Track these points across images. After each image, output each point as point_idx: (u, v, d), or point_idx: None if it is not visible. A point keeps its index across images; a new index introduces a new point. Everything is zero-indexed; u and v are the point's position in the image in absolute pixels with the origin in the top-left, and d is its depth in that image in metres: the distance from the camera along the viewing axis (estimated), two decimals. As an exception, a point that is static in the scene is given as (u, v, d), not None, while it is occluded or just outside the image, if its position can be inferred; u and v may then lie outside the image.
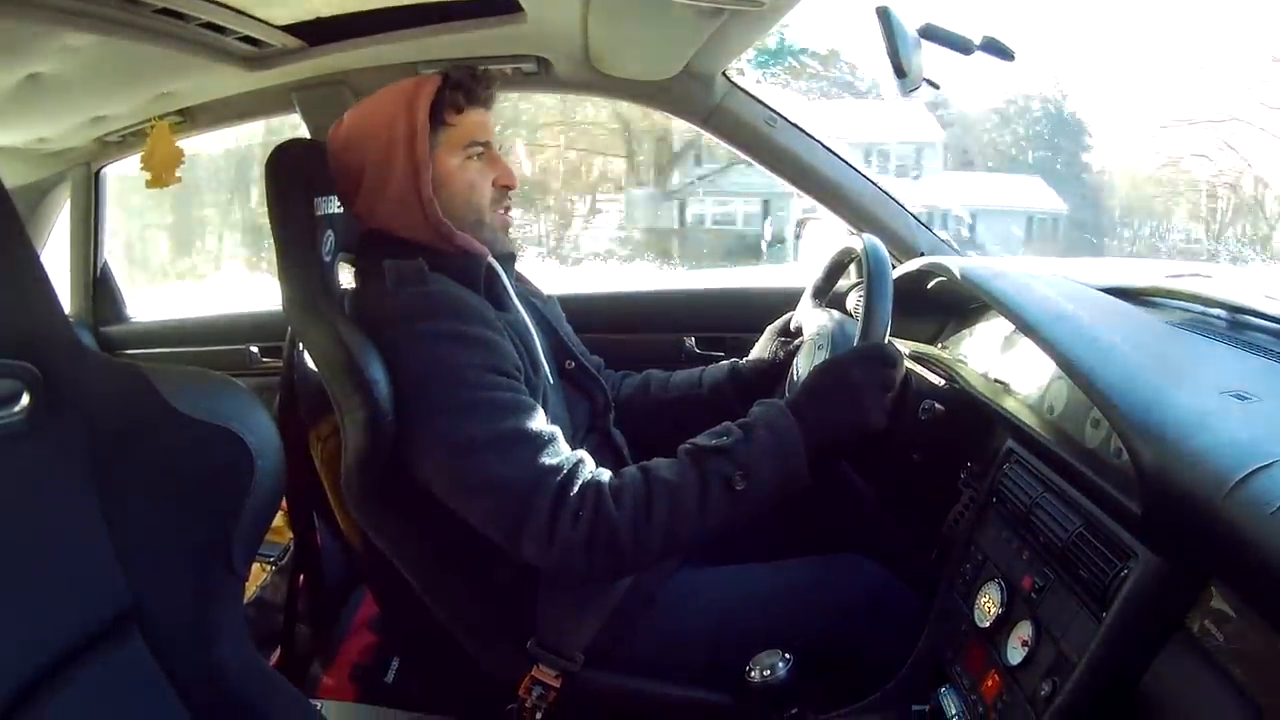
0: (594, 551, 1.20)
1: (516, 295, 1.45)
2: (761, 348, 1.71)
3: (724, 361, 1.73)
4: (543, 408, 1.32)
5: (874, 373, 1.29)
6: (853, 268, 1.70)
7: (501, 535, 1.23)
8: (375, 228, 1.41)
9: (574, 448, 1.31)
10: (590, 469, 1.25)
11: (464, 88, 1.41)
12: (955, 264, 1.56)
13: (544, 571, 1.33)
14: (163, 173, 2.08)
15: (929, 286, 1.68)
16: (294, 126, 2.19)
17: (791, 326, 1.67)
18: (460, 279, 1.35)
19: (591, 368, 1.54)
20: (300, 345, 1.53)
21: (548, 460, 1.22)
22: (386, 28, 1.81)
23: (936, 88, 1.58)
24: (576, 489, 1.20)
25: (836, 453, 1.33)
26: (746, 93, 2.00)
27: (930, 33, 1.53)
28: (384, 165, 1.38)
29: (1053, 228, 7.32)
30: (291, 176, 1.34)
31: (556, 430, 1.28)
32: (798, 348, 1.59)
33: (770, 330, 1.72)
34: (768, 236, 6.75)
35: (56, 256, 2.67)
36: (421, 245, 1.37)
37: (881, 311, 1.34)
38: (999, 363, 1.54)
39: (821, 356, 1.46)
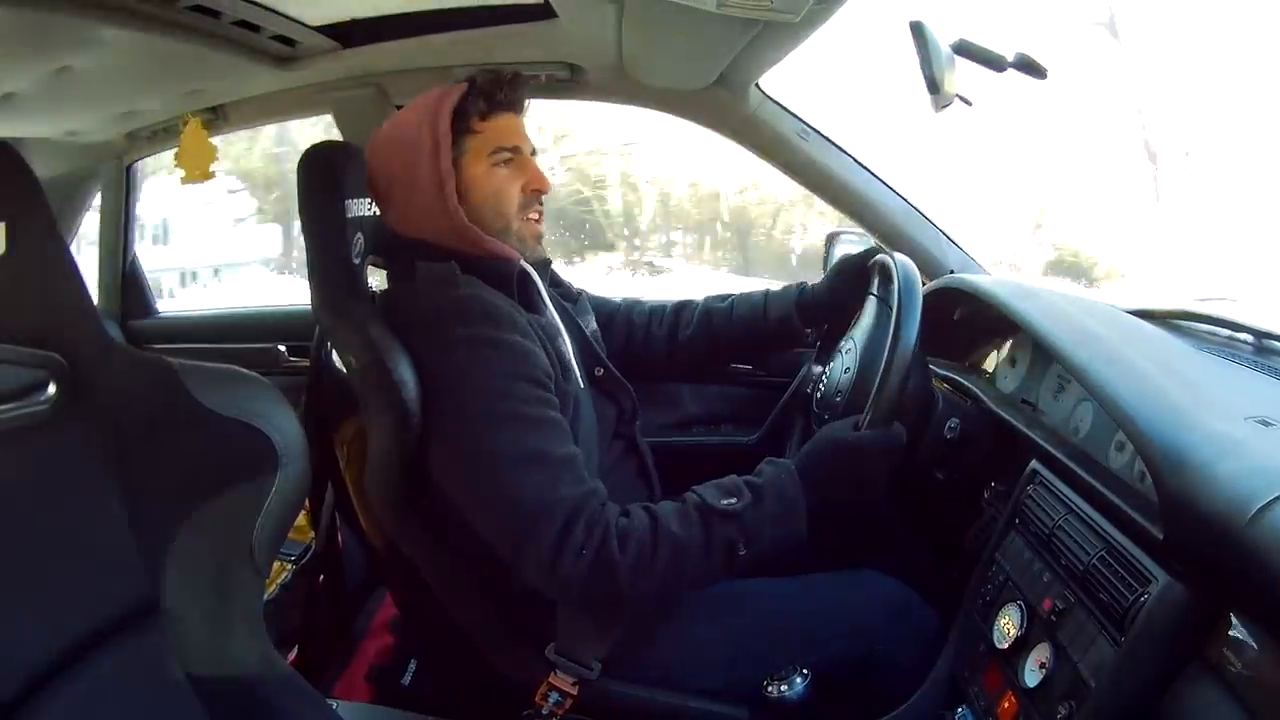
0: (591, 589, 1.20)
1: (550, 299, 1.45)
2: (831, 281, 1.67)
3: (790, 286, 1.71)
4: (574, 413, 1.33)
5: (884, 462, 1.29)
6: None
7: (505, 552, 1.24)
8: (408, 233, 1.42)
9: (602, 454, 1.30)
10: (601, 502, 1.24)
11: (486, 93, 1.42)
12: (984, 283, 1.55)
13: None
14: (195, 169, 2.10)
15: (957, 306, 1.68)
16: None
17: (869, 263, 1.60)
18: (492, 282, 1.35)
19: (620, 375, 1.53)
20: (328, 345, 1.54)
21: (562, 489, 1.21)
22: (420, 30, 1.82)
23: (969, 104, 1.57)
24: (583, 524, 1.20)
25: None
26: (780, 105, 2.00)
27: (964, 49, 1.53)
28: (411, 174, 1.39)
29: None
30: (324, 178, 1.35)
31: (578, 453, 1.27)
32: (864, 291, 1.56)
33: (846, 263, 1.66)
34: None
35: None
36: (453, 250, 1.38)
37: (907, 337, 1.29)
38: (1025, 383, 1.54)
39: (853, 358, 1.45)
